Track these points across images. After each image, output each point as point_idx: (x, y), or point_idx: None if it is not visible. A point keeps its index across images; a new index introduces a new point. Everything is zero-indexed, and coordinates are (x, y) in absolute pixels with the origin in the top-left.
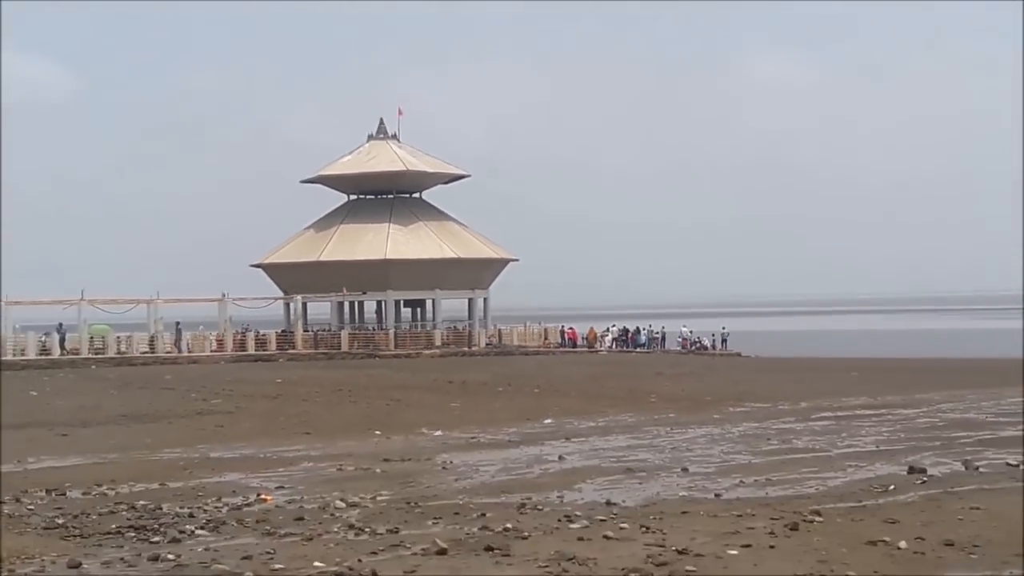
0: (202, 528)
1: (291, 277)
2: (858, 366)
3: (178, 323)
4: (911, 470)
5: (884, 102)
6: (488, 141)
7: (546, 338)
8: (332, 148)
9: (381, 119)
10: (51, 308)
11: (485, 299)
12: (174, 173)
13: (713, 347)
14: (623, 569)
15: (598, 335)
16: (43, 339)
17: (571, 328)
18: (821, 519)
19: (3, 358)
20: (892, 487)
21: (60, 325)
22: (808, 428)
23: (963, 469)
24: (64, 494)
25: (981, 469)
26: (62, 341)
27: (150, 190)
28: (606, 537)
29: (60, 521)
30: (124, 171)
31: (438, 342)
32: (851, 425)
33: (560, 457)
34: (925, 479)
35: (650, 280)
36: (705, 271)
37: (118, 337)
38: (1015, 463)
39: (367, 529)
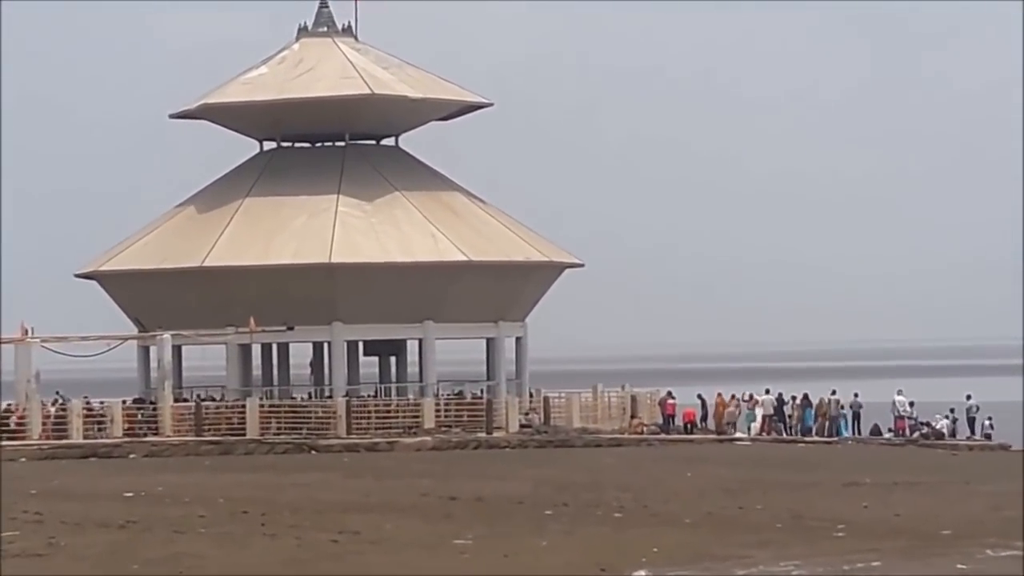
0: None
1: (151, 297)
2: None
3: None
4: None
5: None
6: (519, 50)
7: (634, 415)
8: (232, 55)
9: None
10: None
11: (519, 339)
12: None
13: (953, 433)
14: None
15: (734, 410)
16: None
17: (674, 400)
18: None
19: None
20: None
21: None
22: None
23: None
24: None
25: None
26: None
27: None
28: None
29: None
30: None
31: (430, 422)
32: None
33: None
34: None
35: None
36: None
37: None
38: None
39: None
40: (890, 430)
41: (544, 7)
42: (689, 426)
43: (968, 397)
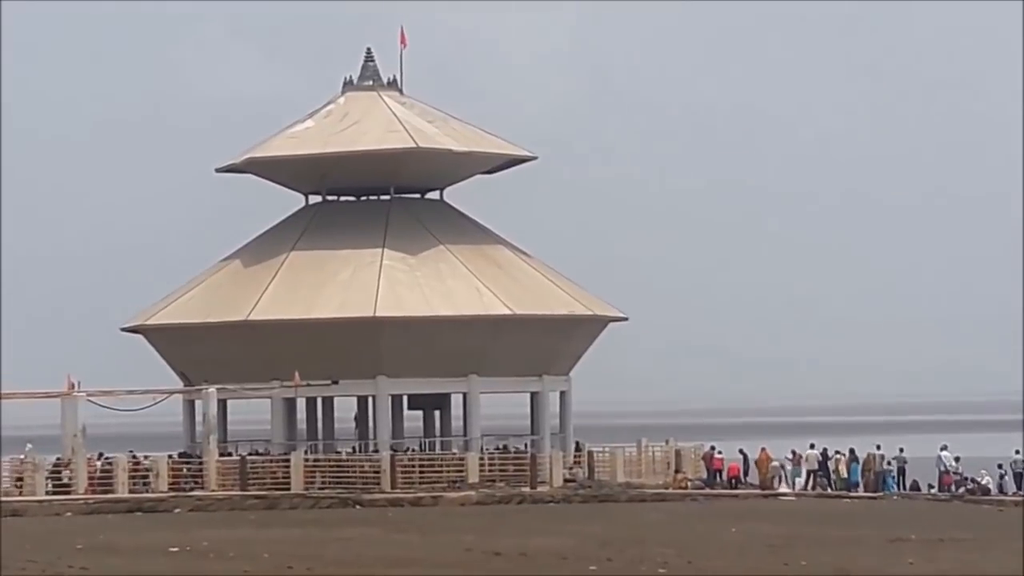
0: None
1: (197, 351)
2: None
3: None
4: None
5: None
6: (565, 104)
7: (678, 470)
8: (277, 111)
9: (368, 51)
10: None
11: (563, 393)
12: None
13: (1001, 489)
14: None
15: (780, 466)
16: None
17: (721, 455)
18: None
19: None
20: None
21: None
22: None
23: None
24: None
25: None
26: None
27: None
28: None
29: None
30: None
31: (475, 476)
32: None
33: None
34: None
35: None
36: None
37: None
38: None
39: None
40: (930, 486)
41: (591, 58)
42: (733, 481)
43: (1017, 452)
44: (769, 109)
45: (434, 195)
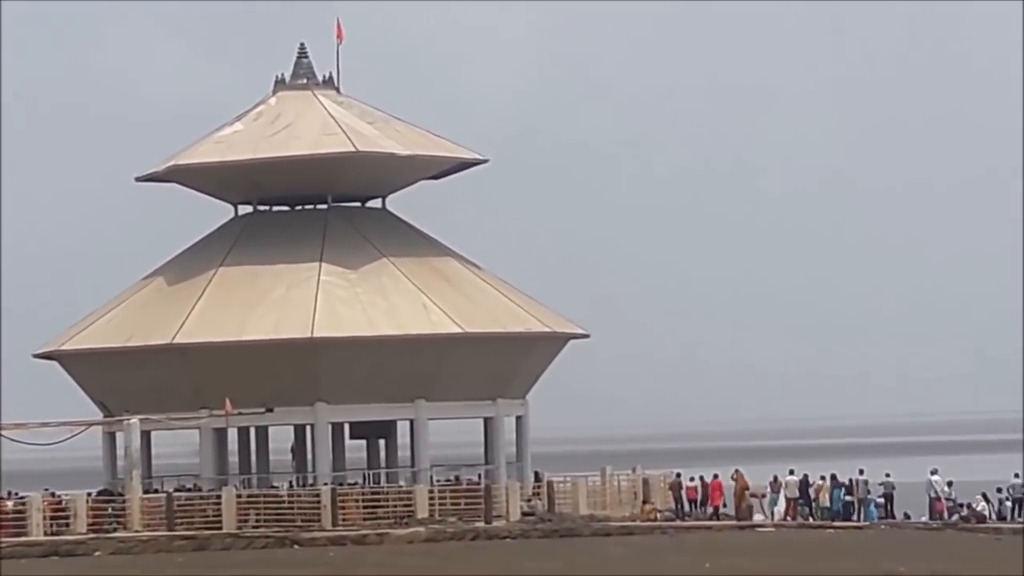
0: None
1: (117, 379)
2: None
3: None
4: None
5: None
6: (520, 100)
7: (646, 501)
8: (203, 113)
9: (301, 46)
10: None
11: (520, 418)
12: None
13: (1000, 515)
14: None
15: (757, 493)
16: None
17: (694, 482)
18: None
19: None
20: None
21: None
22: None
23: None
24: None
25: None
26: None
27: None
28: None
29: None
30: None
31: (424, 511)
32: None
33: None
34: None
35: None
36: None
37: None
38: None
39: None
40: (907, 515)
41: (540, 50)
42: (712, 508)
43: (1016, 475)
44: (745, 98)
45: (376, 203)
